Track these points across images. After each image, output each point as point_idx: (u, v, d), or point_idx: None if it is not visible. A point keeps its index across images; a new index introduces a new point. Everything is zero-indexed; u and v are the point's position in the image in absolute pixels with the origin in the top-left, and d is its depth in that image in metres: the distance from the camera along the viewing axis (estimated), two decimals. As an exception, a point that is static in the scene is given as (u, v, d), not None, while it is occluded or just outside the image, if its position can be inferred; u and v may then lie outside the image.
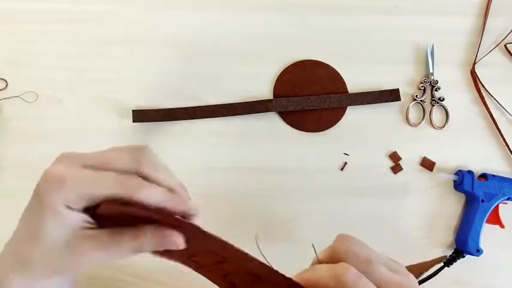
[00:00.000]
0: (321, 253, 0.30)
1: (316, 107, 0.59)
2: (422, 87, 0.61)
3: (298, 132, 0.59)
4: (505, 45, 0.63)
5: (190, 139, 0.58)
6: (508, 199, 0.57)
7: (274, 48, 0.61)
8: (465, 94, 0.62)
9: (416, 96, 0.61)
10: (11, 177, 0.56)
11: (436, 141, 0.60)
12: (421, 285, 0.56)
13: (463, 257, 0.56)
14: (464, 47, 0.63)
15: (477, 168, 0.60)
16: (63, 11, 0.60)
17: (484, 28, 0.63)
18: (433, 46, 0.62)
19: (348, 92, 0.60)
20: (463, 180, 0.57)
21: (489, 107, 0.61)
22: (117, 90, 0.58)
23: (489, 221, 0.57)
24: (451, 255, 0.57)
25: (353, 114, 0.60)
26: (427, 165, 0.59)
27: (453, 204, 0.59)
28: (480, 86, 0.62)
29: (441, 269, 0.56)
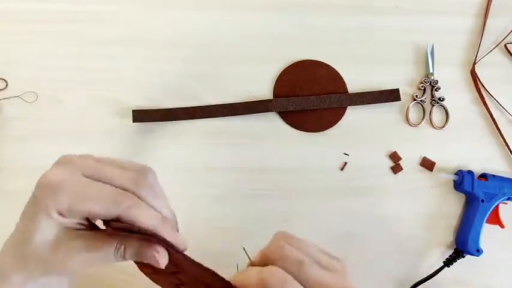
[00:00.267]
0: (255, 256, 0.30)
1: (316, 107, 0.59)
2: (422, 87, 0.61)
3: (298, 132, 0.59)
4: (505, 45, 0.63)
5: (190, 139, 0.58)
6: (508, 199, 0.57)
7: (274, 48, 0.61)
8: (465, 94, 0.62)
9: (416, 96, 0.61)
10: (11, 177, 0.55)
11: (436, 141, 0.60)
12: (421, 285, 0.56)
13: (463, 257, 0.56)
14: (464, 47, 0.63)
15: (477, 168, 0.60)
16: (63, 11, 0.60)
17: (484, 28, 0.63)
18: (433, 46, 0.62)
19: (348, 92, 0.60)
20: (463, 180, 0.57)
21: (489, 107, 0.61)
22: (117, 90, 0.58)
23: (489, 221, 0.57)
24: (451, 255, 0.57)
25: (353, 114, 0.60)
26: (427, 165, 0.59)
27: (453, 204, 0.59)
28: (480, 86, 0.62)
29: (441, 269, 0.56)
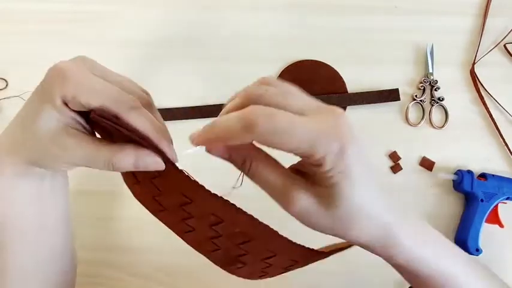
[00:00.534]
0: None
1: (316, 107, 0.59)
2: (421, 87, 0.61)
3: (298, 132, 0.59)
4: (505, 45, 0.63)
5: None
6: (507, 199, 0.57)
7: (274, 48, 0.61)
8: (465, 94, 0.62)
9: (416, 96, 0.61)
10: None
11: (435, 141, 0.60)
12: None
13: (463, 256, 0.56)
14: (464, 47, 0.63)
15: (476, 168, 0.60)
16: (63, 11, 0.60)
17: (483, 28, 0.63)
18: (432, 46, 0.62)
19: (348, 92, 0.61)
20: (462, 180, 0.57)
21: (488, 106, 0.61)
22: (117, 90, 0.58)
23: (488, 221, 0.57)
24: (450, 255, 0.57)
25: (353, 114, 0.60)
26: (427, 165, 0.60)
27: (453, 204, 0.59)
28: (479, 85, 0.62)
29: (441, 268, 0.56)
